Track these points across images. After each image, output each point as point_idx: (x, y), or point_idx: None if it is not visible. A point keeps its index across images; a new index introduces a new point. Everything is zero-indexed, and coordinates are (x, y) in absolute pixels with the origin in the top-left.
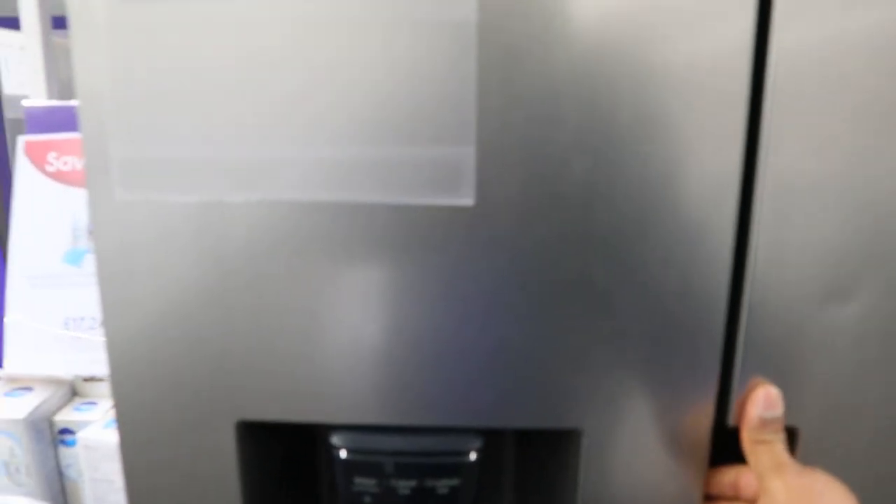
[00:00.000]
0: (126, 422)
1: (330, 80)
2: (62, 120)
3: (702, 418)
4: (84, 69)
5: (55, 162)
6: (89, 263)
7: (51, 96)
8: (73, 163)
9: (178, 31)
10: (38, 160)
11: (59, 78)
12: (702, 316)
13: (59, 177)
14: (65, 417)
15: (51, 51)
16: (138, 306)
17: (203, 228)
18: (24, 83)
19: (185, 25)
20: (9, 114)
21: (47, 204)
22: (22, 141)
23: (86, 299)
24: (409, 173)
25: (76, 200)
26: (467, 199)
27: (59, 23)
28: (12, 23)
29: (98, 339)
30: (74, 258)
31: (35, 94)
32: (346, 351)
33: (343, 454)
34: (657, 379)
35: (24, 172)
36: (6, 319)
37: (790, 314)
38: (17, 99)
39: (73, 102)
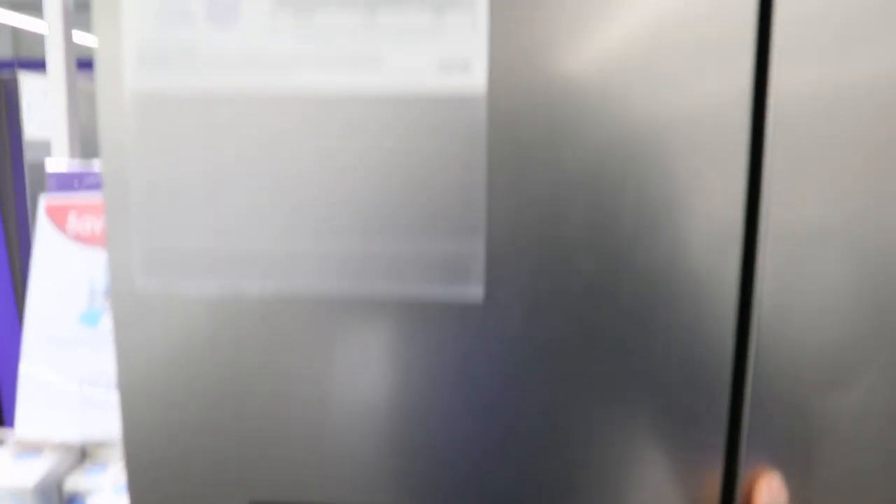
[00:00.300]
0: (137, 495)
1: (344, 176)
2: (83, 181)
3: None
4: (111, 162)
5: (75, 223)
6: (105, 324)
7: (72, 141)
8: (93, 224)
9: (201, 129)
10: (58, 221)
11: (81, 122)
12: (706, 402)
13: (78, 238)
14: (74, 485)
15: (75, 96)
16: (155, 392)
17: (219, 320)
18: (45, 126)
19: (208, 124)
20: (29, 157)
21: (66, 264)
22: (43, 201)
23: (101, 361)
24: (420, 266)
25: (94, 261)
26: (476, 293)
27: (84, 65)
28: (38, 65)
29: (112, 399)
30: (91, 319)
31: (58, 138)
32: (358, 437)
33: None
34: (663, 468)
35: (44, 233)
36: (21, 378)
37: (795, 398)
38: (39, 143)
39: (94, 163)
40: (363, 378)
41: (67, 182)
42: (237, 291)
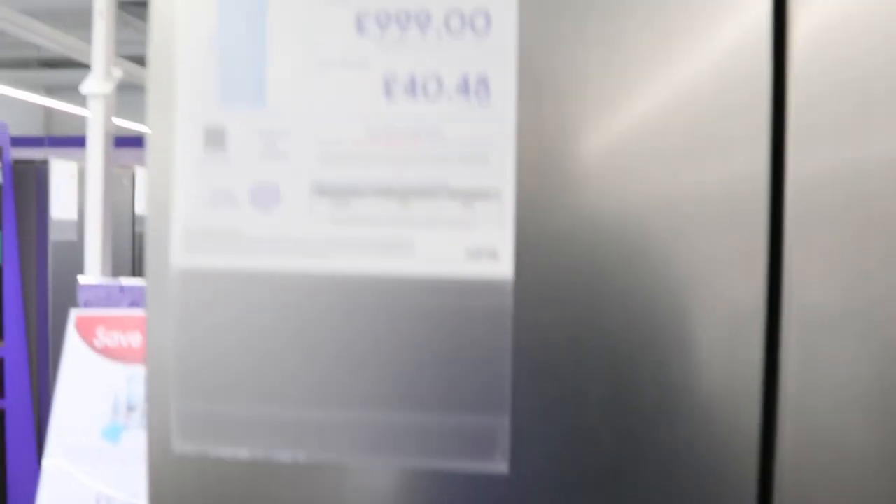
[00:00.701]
0: None
1: (376, 352)
2: (113, 296)
3: None
4: (154, 333)
5: (103, 337)
6: (126, 440)
7: (105, 259)
8: (120, 339)
9: (241, 303)
10: (86, 334)
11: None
12: None
13: (105, 352)
14: None
15: (109, 220)
16: None
17: (252, 483)
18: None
19: (248, 299)
20: (54, 236)
21: (92, 377)
22: (73, 315)
23: (120, 478)
24: (447, 441)
25: (120, 376)
26: (502, 467)
27: (120, 142)
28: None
29: None
30: (113, 434)
31: (91, 256)
32: None
33: None
34: None
35: (72, 345)
36: (40, 487)
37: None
38: (65, 223)
39: (124, 280)
40: None
41: (97, 296)
42: (269, 458)
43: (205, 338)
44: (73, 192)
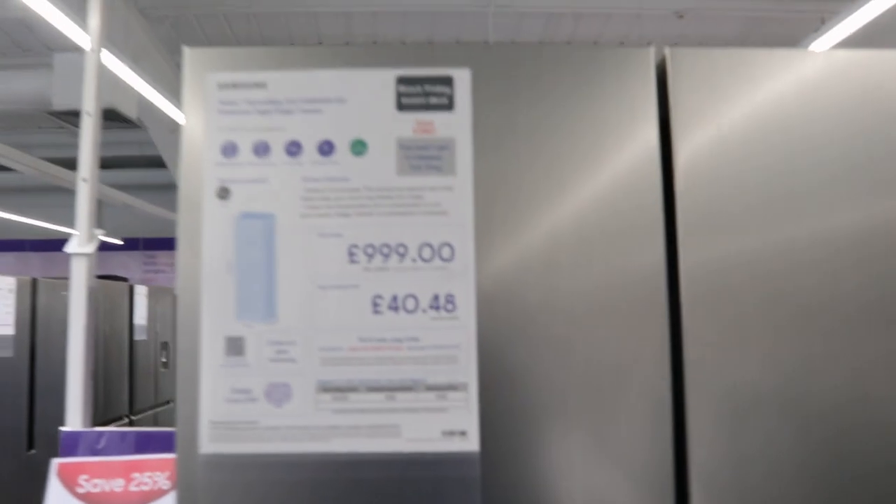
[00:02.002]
0: None
1: None
2: (97, 442)
3: None
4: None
5: (85, 484)
6: None
7: (86, 407)
8: (102, 485)
9: (256, 482)
10: (69, 482)
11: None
12: None
13: (87, 498)
14: None
15: (89, 373)
16: None
17: None
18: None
19: (261, 478)
20: None
21: None
22: (55, 464)
23: None
24: None
25: None
26: None
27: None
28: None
29: None
30: None
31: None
32: None
33: None
34: None
35: (54, 493)
36: None
37: None
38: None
39: (105, 428)
40: None
41: (78, 443)
42: None
43: None
44: (9, 306)
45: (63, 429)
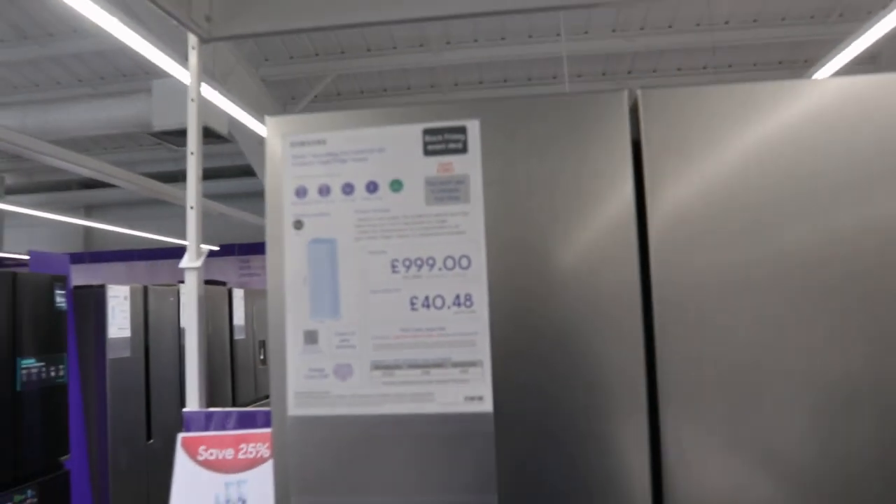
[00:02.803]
0: None
1: (413, 459)
2: (211, 420)
3: None
4: (278, 455)
5: (204, 453)
6: None
7: (202, 392)
8: (217, 454)
9: (328, 436)
10: (191, 451)
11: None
12: None
13: (206, 464)
14: None
15: (203, 367)
16: None
17: None
18: (125, 327)
19: (336, 436)
20: (110, 353)
21: (196, 484)
22: (180, 437)
23: None
24: None
25: (219, 482)
26: None
27: (155, 255)
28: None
29: None
30: None
31: (191, 390)
32: None
33: None
34: None
35: (180, 460)
36: None
37: None
38: (118, 341)
39: (218, 409)
40: None
41: (197, 421)
42: None
43: (309, 456)
44: (126, 312)
45: (185, 410)
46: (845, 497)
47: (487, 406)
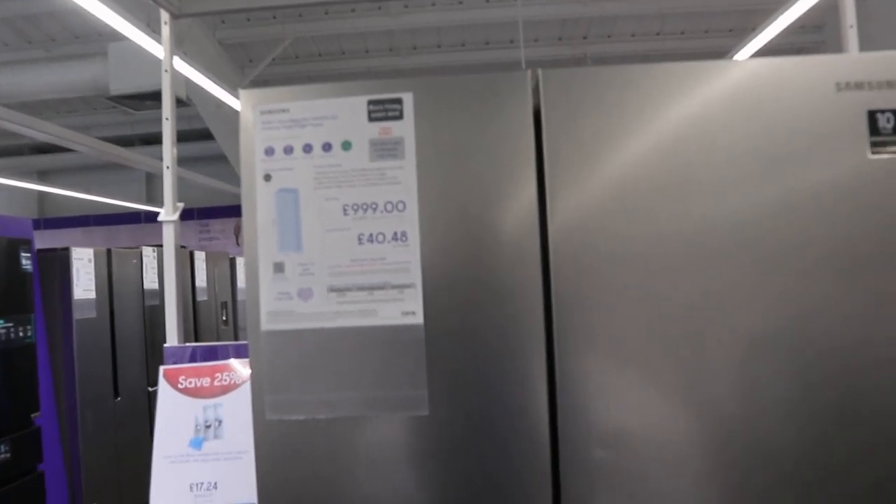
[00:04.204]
0: None
1: (363, 362)
2: (187, 353)
3: None
4: (254, 361)
5: (184, 382)
6: (206, 447)
7: (179, 330)
8: (195, 382)
9: (295, 346)
10: (172, 381)
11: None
12: None
13: (186, 392)
14: None
15: (180, 305)
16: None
17: (309, 439)
18: (89, 288)
19: (301, 349)
20: (76, 314)
21: (177, 409)
22: (162, 370)
23: (203, 472)
24: (392, 401)
25: (197, 407)
26: (424, 413)
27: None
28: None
29: (213, 499)
30: (196, 444)
31: (170, 327)
32: None
33: None
34: None
35: (163, 389)
36: (151, 483)
37: None
38: (84, 302)
39: (192, 344)
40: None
41: (177, 355)
42: (314, 418)
43: (279, 362)
44: (91, 274)
45: (166, 345)
46: (751, 432)
47: (419, 319)
